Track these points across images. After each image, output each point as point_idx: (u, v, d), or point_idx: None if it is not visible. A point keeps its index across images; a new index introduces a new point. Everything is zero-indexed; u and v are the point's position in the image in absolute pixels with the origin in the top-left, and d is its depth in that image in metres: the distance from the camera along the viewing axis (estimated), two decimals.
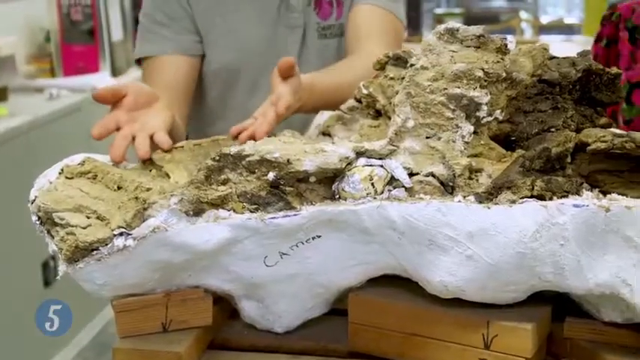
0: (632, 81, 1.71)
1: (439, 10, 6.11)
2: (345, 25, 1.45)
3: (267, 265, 0.88)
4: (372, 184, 0.86)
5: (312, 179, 0.87)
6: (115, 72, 3.52)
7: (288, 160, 0.86)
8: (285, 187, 0.86)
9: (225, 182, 0.88)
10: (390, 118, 0.95)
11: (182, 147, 1.04)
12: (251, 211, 0.86)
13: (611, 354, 0.85)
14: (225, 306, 0.96)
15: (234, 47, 1.46)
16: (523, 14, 6.34)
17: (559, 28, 6.14)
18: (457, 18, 5.67)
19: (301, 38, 1.45)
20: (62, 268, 0.87)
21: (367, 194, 0.86)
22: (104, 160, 1.00)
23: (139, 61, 1.51)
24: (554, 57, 0.96)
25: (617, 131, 0.90)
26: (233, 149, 0.88)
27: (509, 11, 6.66)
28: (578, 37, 4.66)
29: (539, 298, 0.88)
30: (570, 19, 6.64)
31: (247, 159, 0.87)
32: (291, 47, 1.44)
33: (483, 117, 0.91)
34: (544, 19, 6.58)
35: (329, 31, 1.46)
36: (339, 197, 0.87)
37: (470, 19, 5.75)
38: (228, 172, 0.88)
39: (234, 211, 0.86)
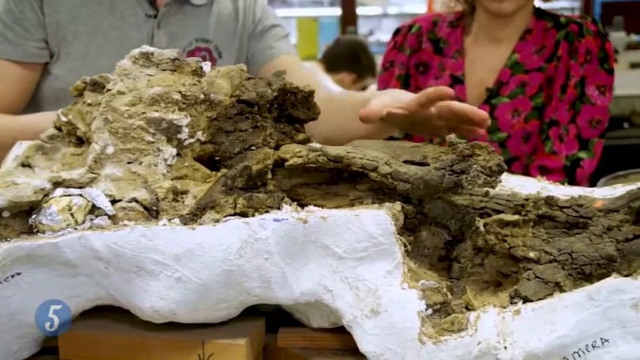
0: None
1: None
2: None
3: None
4: (72, 214, 0.83)
5: (6, 214, 0.82)
6: None
7: None
8: None
9: None
10: None
11: None
12: None
13: (321, 358, 0.88)
14: None
15: (84, 73, 1.38)
16: None
17: None
18: None
19: None
20: None
21: (67, 225, 0.83)
22: None
23: None
24: (251, 78, 0.99)
25: (314, 146, 0.95)
26: None
27: None
28: None
29: (255, 313, 0.90)
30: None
31: None
32: None
33: (185, 139, 0.92)
34: None
35: None
36: (38, 231, 0.83)
37: None
38: None
39: None
